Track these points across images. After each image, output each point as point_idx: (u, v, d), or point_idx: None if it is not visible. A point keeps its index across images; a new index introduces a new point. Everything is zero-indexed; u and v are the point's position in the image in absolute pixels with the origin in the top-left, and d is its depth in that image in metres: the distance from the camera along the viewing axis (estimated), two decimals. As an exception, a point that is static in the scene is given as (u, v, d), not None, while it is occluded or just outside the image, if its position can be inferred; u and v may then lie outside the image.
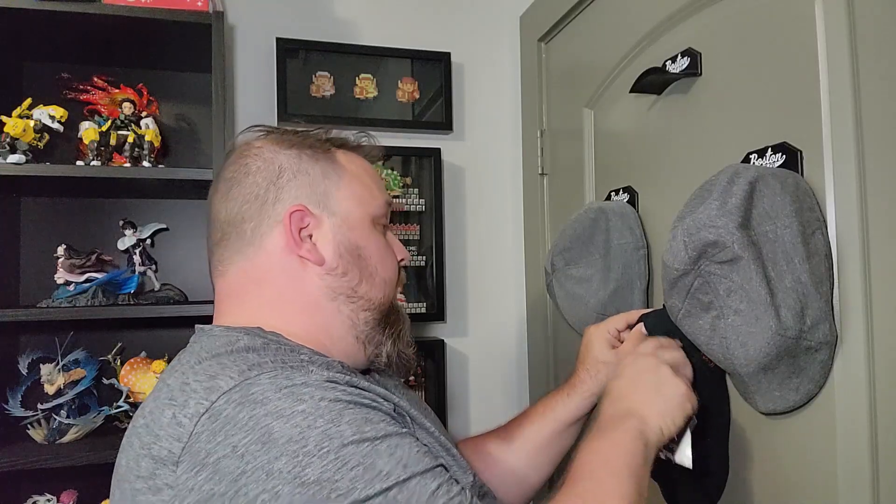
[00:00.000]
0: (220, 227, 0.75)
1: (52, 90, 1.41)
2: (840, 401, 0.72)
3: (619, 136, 1.20)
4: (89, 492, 1.36)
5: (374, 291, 0.75)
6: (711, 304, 0.73)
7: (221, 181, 0.77)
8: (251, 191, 0.73)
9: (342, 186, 0.75)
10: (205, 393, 0.57)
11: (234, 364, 0.59)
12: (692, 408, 0.75)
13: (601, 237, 1.05)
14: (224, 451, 0.53)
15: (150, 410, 0.61)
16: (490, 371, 1.68)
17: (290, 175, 0.73)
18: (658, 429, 0.71)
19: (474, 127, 1.70)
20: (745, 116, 0.87)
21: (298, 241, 0.71)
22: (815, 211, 0.73)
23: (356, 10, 1.63)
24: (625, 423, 0.69)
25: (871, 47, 0.70)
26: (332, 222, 0.74)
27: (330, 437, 0.52)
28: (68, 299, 1.31)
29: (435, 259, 1.60)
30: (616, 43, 1.18)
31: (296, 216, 0.72)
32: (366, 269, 0.75)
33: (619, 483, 0.62)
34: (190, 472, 0.53)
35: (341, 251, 0.74)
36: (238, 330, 0.67)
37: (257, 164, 0.74)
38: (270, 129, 0.79)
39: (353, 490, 0.50)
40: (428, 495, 0.52)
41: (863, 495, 0.69)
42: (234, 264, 0.74)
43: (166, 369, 0.69)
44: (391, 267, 0.79)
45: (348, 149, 0.81)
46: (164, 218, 1.51)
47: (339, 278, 0.73)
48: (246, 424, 0.53)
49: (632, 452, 0.66)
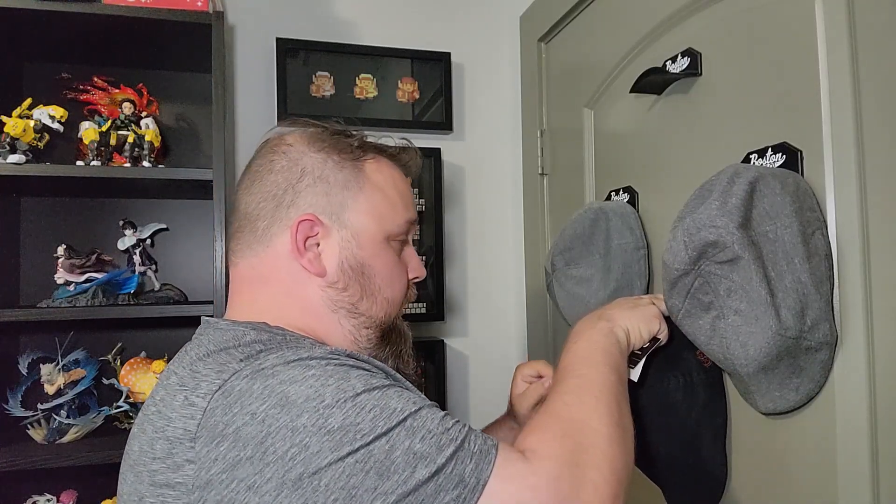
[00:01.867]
0: (238, 218, 0.75)
1: (52, 90, 1.42)
2: (840, 401, 0.72)
3: (619, 136, 1.20)
4: (89, 492, 1.37)
5: (375, 309, 0.75)
6: (711, 304, 0.73)
7: (248, 173, 0.76)
8: (270, 189, 0.73)
9: (361, 200, 0.74)
10: (216, 375, 0.59)
11: (242, 353, 0.62)
12: (659, 327, 0.81)
13: (601, 237, 1.05)
14: (243, 419, 0.55)
15: (161, 398, 0.62)
16: (490, 371, 1.68)
17: (310, 180, 0.73)
18: (625, 329, 0.78)
19: (474, 127, 1.70)
20: (745, 116, 0.87)
21: (302, 250, 0.71)
22: (815, 211, 0.73)
23: (356, 10, 1.63)
24: (597, 325, 0.78)
25: (871, 47, 0.70)
26: (341, 235, 0.73)
27: (343, 390, 0.56)
28: (68, 299, 1.31)
29: (435, 259, 1.60)
30: (616, 43, 1.18)
31: (304, 225, 0.71)
32: (368, 286, 0.74)
33: (599, 373, 0.70)
34: (210, 445, 0.55)
35: (344, 266, 0.73)
36: (244, 324, 0.68)
37: (282, 162, 0.74)
38: (307, 123, 0.78)
39: (375, 428, 0.55)
40: (439, 419, 0.58)
41: (863, 495, 0.69)
42: (245, 258, 0.74)
43: (174, 360, 0.70)
44: (398, 286, 0.77)
45: (385, 157, 0.79)
46: (164, 218, 1.51)
47: (340, 292, 0.73)
48: (262, 394, 0.56)
49: (606, 346, 0.74)
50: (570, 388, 0.68)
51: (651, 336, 0.81)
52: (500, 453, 0.57)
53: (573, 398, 0.67)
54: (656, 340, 0.83)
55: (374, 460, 0.54)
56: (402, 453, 0.54)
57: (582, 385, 0.68)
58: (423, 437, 0.55)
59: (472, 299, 1.68)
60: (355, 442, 0.54)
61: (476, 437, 0.58)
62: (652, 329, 0.81)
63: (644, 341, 0.80)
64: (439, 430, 0.56)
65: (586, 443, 0.61)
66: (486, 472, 0.55)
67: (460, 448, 0.56)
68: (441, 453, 0.55)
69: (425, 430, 0.56)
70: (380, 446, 0.54)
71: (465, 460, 0.55)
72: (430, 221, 1.62)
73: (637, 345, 0.80)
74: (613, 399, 0.67)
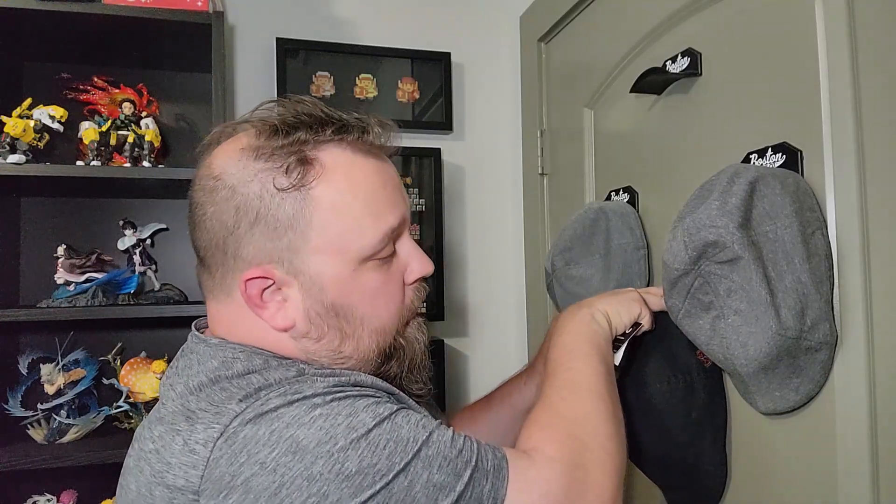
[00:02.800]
0: (197, 255, 0.68)
1: (52, 90, 1.41)
2: (840, 401, 0.72)
3: (619, 136, 1.20)
4: (89, 492, 1.37)
5: (363, 347, 0.66)
6: (711, 304, 0.73)
7: (191, 204, 0.66)
8: (211, 236, 0.64)
9: (312, 238, 0.62)
10: (214, 418, 0.56)
11: (239, 389, 0.58)
12: (640, 311, 0.81)
13: (601, 237, 1.05)
14: (251, 469, 0.52)
15: (160, 435, 0.59)
16: (490, 371, 1.68)
17: (246, 226, 0.61)
18: (604, 313, 0.78)
19: (474, 127, 1.70)
20: (745, 116, 0.86)
21: (261, 304, 0.63)
22: (816, 211, 0.73)
23: (356, 10, 1.63)
24: (579, 314, 0.78)
25: (871, 47, 0.70)
26: (299, 282, 0.63)
27: (355, 428, 0.54)
28: (68, 299, 1.31)
29: (435, 259, 1.60)
30: (616, 43, 1.18)
31: (253, 283, 0.62)
32: (347, 327, 0.65)
33: (590, 365, 0.71)
34: (217, 498, 0.52)
35: (311, 315, 0.63)
36: (234, 347, 0.63)
37: (211, 208, 0.63)
38: (237, 125, 0.68)
39: (393, 466, 0.54)
40: (449, 441, 0.57)
41: (863, 495, 0.69)
42: (211, 299, 0.68)
43: (165, 383, 0.66)
44: (387, 310, 0.67)
45: (346, 144, 0.65)
46: (164, 218, 1.51)
47: (315, 343, 0.64)
48: (269, 440, 0.53)
49: (591, 336, 0.75)
50: (565, 384, 0.69)
51: (632, 321, 0.81)
52: (510, 465, 0.58)
53: (569, 394, 0.68)
54: (638, 325, 0.83)
55: (395, 500, 0.53)
56: (421, 487, 0.54)
57: (575, 379, 0.69)
58: (440, 467, 0.55)
59: (472, 299, 1.68)
60: (375, 484, 0.53)
61: (486, 453, 0.58)
62: (632, 312, 0.80)
63: (626, 326, 0.81)
64: (453, 455, 0.56)
65: (589, 441, 0.62)
66: (502, 490, 0.56)
67: (476, 469, 0.56)
68: (459, 480, 0.55)
69: (441, 457, 0.55)
70: (399, 484, 0.53)
71: (482, 481, 0.56)
72: (430, 221, 1.62)
73: (619, 329, 0.80)
74: (606, 391, 0.69)
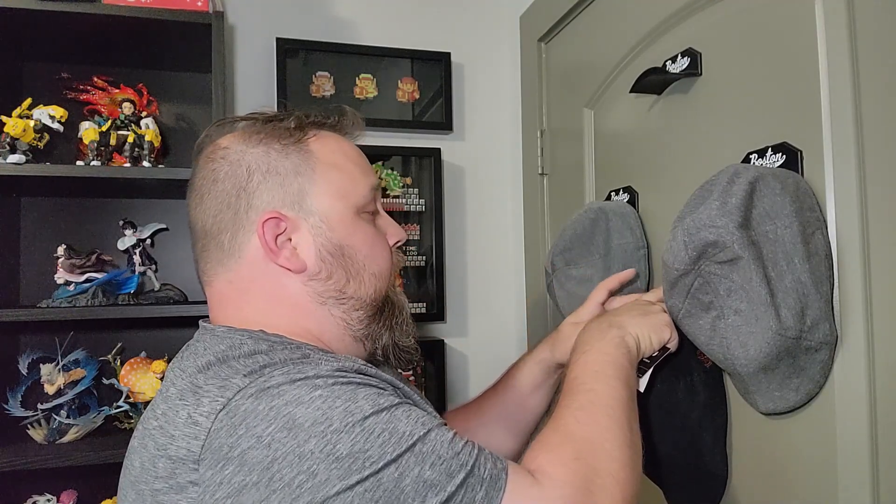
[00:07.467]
0: (200, 237, 0.72)
1: (52, 90, 1.41)
2: (840, 401, 0.72)
3: (619, 136, 1.20)
4: (89, 492, 1.37)
5: (363, 289, 0.72)
6: (711, 304, 0.73)
7: (192, 190, 0.73)
8: (222, 199, 0.70)
9: (318, 181, 0.70)
10: (219, 391, 0.58)
11: (245, 366, 0.60)
12: (670, 336, 0.80)
13: (601, 237, 1.05)
14: (248, 442, 0.54)
15: (164, 412, 0.61)
16: (490, 371, 1.67)
17: (259, 177, 0.69)
18: (636, 337, 0.77)
19: (474, 127, 1.70)
20: (745, 116, 0.87)
21: (276, 250, 0.68)
22: (815, 211, 0.73)
23: (356, 10, 1.63)
24: (608, 334, 0.76)
25: (871, 47, 0.70)
26: (310, 223, 0.70)
27: (351, 413, 0.55)
28: (68, 299, 1.31)
29: (435, 259, 1.60)
30: (616, 43, 1.18)
31: (269, 224, 0.68)
32: (352, 267, 0.71)
33: (611, 388, 0.68)
34: (215, 468, 0.54)
35: (323, 254, 0.70)
36: (241, 332, 0.66)
37: (224, 168, 0.70)
38: (235, 120, 0.75)
39: (384, 455, 0.54)
40: (448, 442, 0.56)
41: (863, 495, 0.69)
42: (219, 275, 0.71)
43: (172, 369, 0.68)
44: (382, 258, 0.75)
45: (326, 129, 0.75)
46: (164, 218, 1.51)
47: (324, 282, 0.70)
48: (267, 415, 0.54)
49: (617, 359, 0.72)
50: (582, 405, 0.66)
51: (661, 345, 0.79)
52: (510, 478, 0.56)
53: (585, 416, 0.65)
54: (665, 350, 0.81)
55: (383, 489, 0.53)
56: (411, 481, 0.53)
57: (594, 401, 0.66)
58: (432, 464, 0.54)
59: (472, 299, 1.68)
60: (364, 470, 0.53)
61: (486, 460, 0.56)
62: (662, 338, 0.79)
63: (653, 350, 0.79)
64: (449, 455, 0.55)
65: (599, 467, 0.59)
66: (497, 501, 0.54)
67: (471, 474, 0.55)
68: (451, 481, 0.54)
69: (435, 455, 0.55)
70: (389, 474, 0.53)
71: (476, 487, 0.54)
72: (430, 221, 1.62)
73: (646, 353, 0.78)
74: (625, 417, 0.66)
